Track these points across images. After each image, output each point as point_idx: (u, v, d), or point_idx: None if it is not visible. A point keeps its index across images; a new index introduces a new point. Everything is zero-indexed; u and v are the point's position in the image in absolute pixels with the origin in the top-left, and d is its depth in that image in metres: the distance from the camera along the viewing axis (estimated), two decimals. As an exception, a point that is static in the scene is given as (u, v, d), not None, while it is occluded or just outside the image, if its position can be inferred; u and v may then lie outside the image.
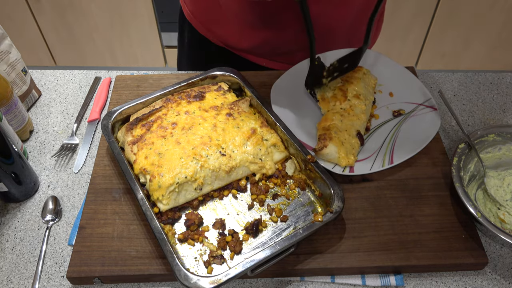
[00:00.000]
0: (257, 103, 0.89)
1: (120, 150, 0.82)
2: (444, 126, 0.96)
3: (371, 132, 0.91)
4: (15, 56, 0.96)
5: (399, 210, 0.79)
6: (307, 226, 0.71)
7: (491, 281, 0.74)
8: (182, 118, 0.84)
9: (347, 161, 0.82)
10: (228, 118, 0.85)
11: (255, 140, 0.82)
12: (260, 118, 0.88)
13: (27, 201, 0.85)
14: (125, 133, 0.84)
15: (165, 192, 0.74)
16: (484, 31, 2.17)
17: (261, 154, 0.81)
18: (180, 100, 0.88)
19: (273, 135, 0.84)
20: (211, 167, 0.77)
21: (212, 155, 0.78)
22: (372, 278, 0.74)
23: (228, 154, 0.79)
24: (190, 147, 0.79)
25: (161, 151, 0.79)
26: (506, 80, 1.06)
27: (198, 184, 0.77)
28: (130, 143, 0.82)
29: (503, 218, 0.77)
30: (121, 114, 0.88)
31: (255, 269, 0.68)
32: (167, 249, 0.68)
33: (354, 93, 0.91)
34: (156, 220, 0.72)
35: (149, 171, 0.76)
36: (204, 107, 0.87)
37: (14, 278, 0.75)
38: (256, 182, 0.81)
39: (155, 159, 0.77)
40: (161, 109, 0.87)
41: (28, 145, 0.94)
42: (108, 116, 0.86)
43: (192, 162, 0.77)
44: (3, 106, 0.86)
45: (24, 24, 2.23)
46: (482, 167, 0.81)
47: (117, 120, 0.88)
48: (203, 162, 0.77)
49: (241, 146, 0.81)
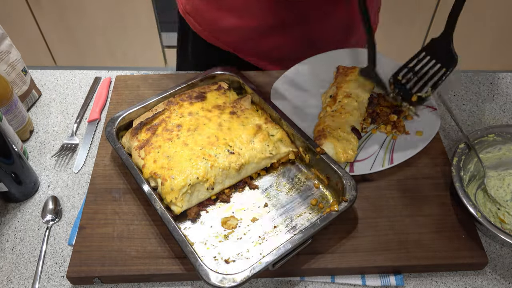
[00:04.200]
0: (259, 100, 0.89)
1: (128, 155, 0.81)
2: (444, 126, 0.96)
3: (371, 132, 0.91)
4: (15, 56, 0.96)
5: (399, 210, 0.79)
6: (324, 217, 0.72)
7: (491, 281, 0.74)
8: (187, 120, 0.84)
9: (345, 157, 0.82)
10: (232, 117, 0.85)
11: (261, 136, 0.82)
12: (263, 114, 0.88)
13: (27, 201, 0.85)
14: (130, 138, 0.84)
15: (178, 195, 0.74)
16: (484, 31, 2.17)
17: (269, 150, 0.82)
18: (182, 102, 0.88)
19: (278, 130, 0.85)
20: (221, 166, 0.78)
21: (221, 154, 0.79)
22: (372, 278, 0.74)
23: (237, 152, 0.80)
24: (198, 148, 0.79)
25: (169, 153, 0.78)
26: (506, 80, 1.06)
27: (209, 183, 0.77)
28: (137, 148, 0.81)
29: (503, 218, 0.77)
30: (124, 119, 0.87)
31: (276, 263, 0.68)
32: (188, 250, 0.68)
33: (345, 94, 0.91)
34: (174, 221, 0.72)
35: (160, 174, 0.76)
36: (207, 107, 0.87)
37: (14, 278, 0.75)
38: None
39: (165, 162, 0.77)
40: (164, 112, 0.87)
41: (28, 145, 0.94)
42: (111, 122, 0.86)
43: (202, 163, 0.77)
44: (3, 106, 0.86)
45: (24, 24, 2.23)
46: (482, 167, 0.81)
47: (120, 125, 0.87)
48: (213, 161, 0.77)
49: (248, 143, 0.81)
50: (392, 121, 0.90)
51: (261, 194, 0.81)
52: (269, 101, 0.88)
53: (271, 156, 0.82)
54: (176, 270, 0.72)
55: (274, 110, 0.86)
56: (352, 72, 0.95)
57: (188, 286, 0.74)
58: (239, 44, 1.06)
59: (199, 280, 0.74)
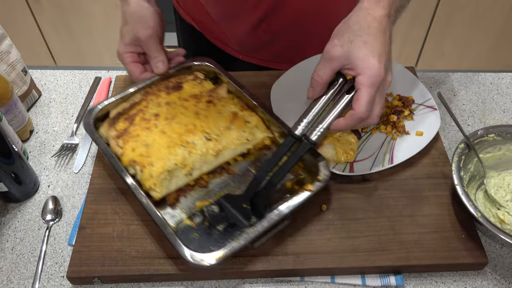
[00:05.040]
0: (235, 89, 0.90)
1: (106, 145, 0.83)
2: (444, 126, 0.96)
3: (371, 133, 0.91)
4: (15, 56, 0.96)
5: (399, 210, 0.79)
6: (298, 196, 0.72)
7: (491, 281, 0.74)
8: (164, 109, 0.86)
9: (345, 157, 0.82)
10: (209, 105, 0.87)
11: (238, 123, 0.84)
12: (239, 102, 0.89)
13: (27, 201, 0.85)
14: (108, 128, 0.85)
15: (157, 181, 0.76)
16: (484, 31, 2.17)
17: (245, 136, 0.83)
18: (159, 92, 0.90)
19: (254, 117, 0.86)
20: (199, 152, 0.79)
21: (199, 141, 0.80)
22: (372, 278, 0.74)
23: (214, 138, 0.81)
24: (176, 135, 0.81)
25: (147, 142, 0.80)
26: (506, 80, 1.06)
27: (188, 170, 0.79)
28: (115, 138, 0.83)
29: (503, 218, 0.77)
30: (101, 111, 0.88)
31: (255, 241, 0.69)
32: (168, 232, 0.70)
33: None
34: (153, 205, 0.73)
35: (139, 162, 0.78)
36: (184, 96, 0.89)
37: (14, 278, 0.75)
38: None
39: (143, 150, 0.79)
40: (141, 102, 0.88)
41: (28, 145, 0.94)
42: (89, 113, 0.87)
43: (179, 149, 0.79)
44: (3, 106, 0.86)
45: (24, 24, 2.23)
46: (482, 167, 0.82)
47: (98, 117, 0.88)
48: (191, 148, 0.79)
49: (225, 130, 0.83)
50: (392, 121, 0.90)
51: (239, 178, 0.82)
52: (245, 89, 0.89)
53: (247, 142, 0.83)
54: (176, 270, 0.72)
55: (250, 98, 0.87)
56: None
57: (188, 286, 0.74)
58: (209, 26, 1.08)
59: (199, 280, 0.74)
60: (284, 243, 0.75)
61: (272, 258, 0.73)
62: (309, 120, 0.75)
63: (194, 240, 0.73)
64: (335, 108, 0.74)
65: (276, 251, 0.74)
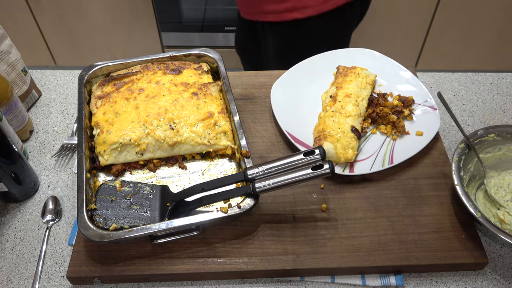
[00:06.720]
0: (222, 90, 0.90)
1: (86, 103, 0.87)
2: (444, 126, 0.96)
3: (371, 133, 0.91)
4: (15, 56, 0.96)
5: (399, 210, 0.79)
6: (212, 214, 0.72)
7: (491, 281, 0.74)
8: (151, 87, 0.89)
9: (345, 156, 0.82)
10: (192, 97, 0.87)
11: (207, 123, 0.84)
12: (223, 104, 0.89)
13: (27, 201, 0.85)
14: (96, 87, 0.90)
15: (107, 148, 0.80)
16: (484, 31, 2.17)
17: (209, 138, 0.83)
18: (157, 70, 0.92)
19: (226, 123, 0.86)
20: (156, 137, 0.82)
21: (162, 127, 0.82)
22: (372, 278, 0.74)
23: (177, 129, 0.83)
24: (145, 115, 0.83)
25: (119, 111, 0.84)
26: (506, 80, 1.06)
27: (140, 149, 0.81)
28: (96, 97, 0.87)
29: (503, 218, 0.77)
30: (102, 70, 0.92)
31: (155, 238, 0.72)
32: (80, 197, 0.72)
33: (345, 94, 0.91)
34: (85, 170, 0.76)
35: (101, 125, 0.82)
36: (176, 81, 0.90)
37: (14, 278, 0.75)
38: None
39: (111, 117, 0.83)
40: (137, 74, 0.91)
41: (28, 145, 0.94)
42: (88, 68, 0.91)
43: (140, 128, 0.82)
44: (3, 106, 0.86)
45: (24, 24, 2.23)
46: (482, 167, 0.81)
47: (97, 75, 0.92)
48: (150, 130, 0.82)
49: (192, 125, 0.84)
50: (392, 121, 0.90)
51: (186, 175, 0.83)
52: (230, 93, 0.88)
53: (208, 144, 0.83)
54: (176, 270, 0.72)
55: (229, 104, 0.87)
56: (352, 72, 0.95)
57: (188, 286, 0.74)
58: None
59: (199, 280, 0.74)
60: (284, 243, 0.75)
61: (272, 258, 0.73)
62: (266, 171, 0.73)
63: (107, 200, 0.75)
64: (292, 175, 0.71)
65: (276, 251, 0.74)
